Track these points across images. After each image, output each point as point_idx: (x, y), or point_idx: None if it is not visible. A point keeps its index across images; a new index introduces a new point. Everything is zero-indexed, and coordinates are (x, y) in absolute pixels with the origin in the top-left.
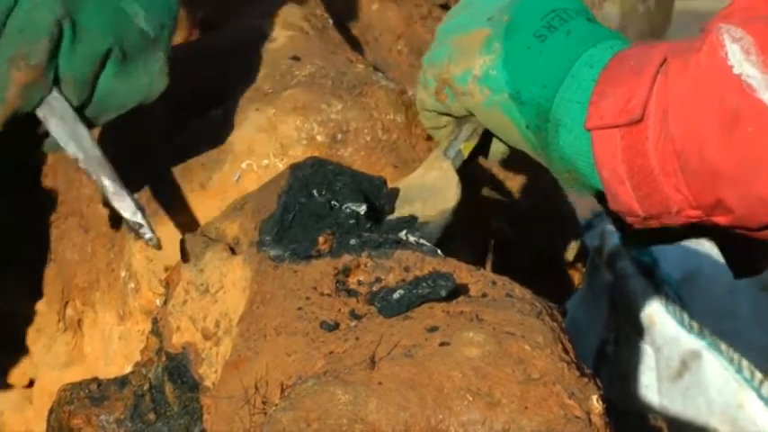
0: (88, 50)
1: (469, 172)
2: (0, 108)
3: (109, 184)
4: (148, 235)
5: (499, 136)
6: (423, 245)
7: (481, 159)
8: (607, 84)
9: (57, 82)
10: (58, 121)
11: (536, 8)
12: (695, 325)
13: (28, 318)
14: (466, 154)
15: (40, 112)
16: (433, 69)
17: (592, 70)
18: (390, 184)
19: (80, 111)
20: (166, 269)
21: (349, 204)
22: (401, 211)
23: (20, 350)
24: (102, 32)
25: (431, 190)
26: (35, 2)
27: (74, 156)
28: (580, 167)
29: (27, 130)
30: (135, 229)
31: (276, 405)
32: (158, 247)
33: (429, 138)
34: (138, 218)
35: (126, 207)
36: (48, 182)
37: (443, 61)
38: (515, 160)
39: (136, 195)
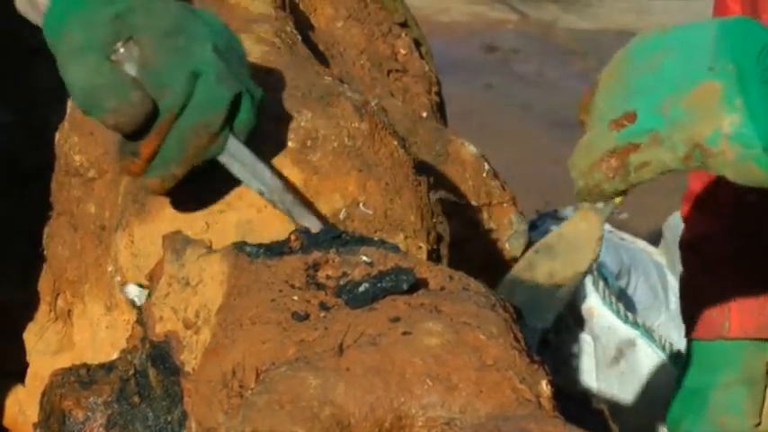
0: (256, 111)
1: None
2: (178, 166)
3: (293, 208)
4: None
5: (744, 182)
6: (385, 242)
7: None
8: None
9: (231, 130)
10: (240, 165)
11: (748, 50)
12: (630, 316)
13: (22, 308)
14: (618, 203)
15: (222, 159)
16: (681, 134)
17: None
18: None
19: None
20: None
21: None
22: (541, 264)
23: (14, 338)
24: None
25: (572, 244)
26: (218, 75)
27: (258, 190)
28: None
29: None
30: None
31: (252, 389)
32: None
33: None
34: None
35: (313, 225)
36: (37, 184)
37: (686, 123)
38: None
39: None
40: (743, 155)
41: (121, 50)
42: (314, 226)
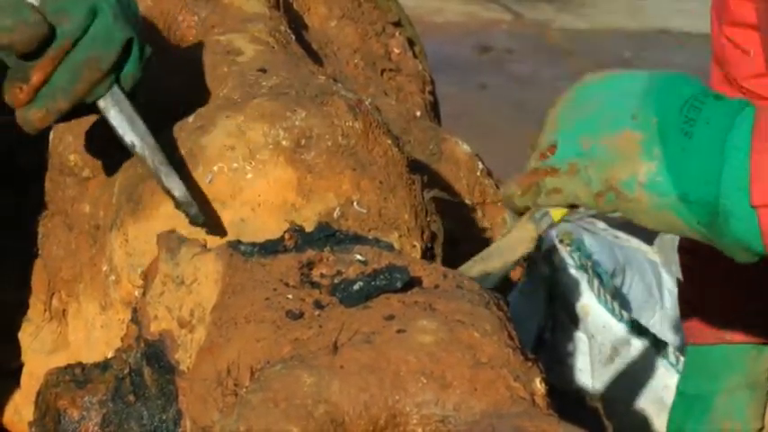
0: (143, 62)
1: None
2: (65, 99)
3: (162, 167)
4: (194, 211)
5: (662, 230)
6: (380, 241)
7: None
8: (759, 164)
9: (117, 80)
10: (117, 112)
11: (672, 102)
12: (625, 314)
13: (17, 308)
14: (556, 220)
15: (102, 103)
16: (597, 171)
17: (740, 152)
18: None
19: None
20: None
21: None
22: (476, 268)
23: (9, 337)
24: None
25: (506, 248)
26: (115, 16)
27: (130, 142)
28: (757, 248)
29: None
30: (183, 206)
31: (247, 387)
32: (202, 224)
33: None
34: (187, 196)
35: (176, 186)
36: (35, 183)
37: (604, 162)
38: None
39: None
40: (657, 203)
41: None
42: (178, 189)
